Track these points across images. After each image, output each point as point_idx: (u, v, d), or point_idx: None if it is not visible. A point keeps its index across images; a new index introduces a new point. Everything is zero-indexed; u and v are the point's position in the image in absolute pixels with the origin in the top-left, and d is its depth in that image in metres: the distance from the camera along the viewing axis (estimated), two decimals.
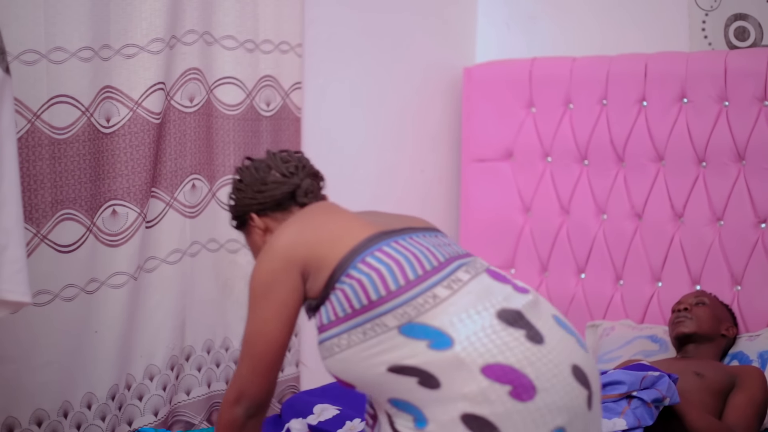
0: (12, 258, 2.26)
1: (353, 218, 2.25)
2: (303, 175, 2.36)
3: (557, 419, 1.98)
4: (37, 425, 2.93)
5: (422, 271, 2.09)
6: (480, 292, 2.08)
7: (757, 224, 3.53)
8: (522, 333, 2.02)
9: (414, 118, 4.14)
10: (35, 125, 2.87)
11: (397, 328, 2.04)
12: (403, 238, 2.16)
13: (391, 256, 2.10)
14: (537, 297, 2.13)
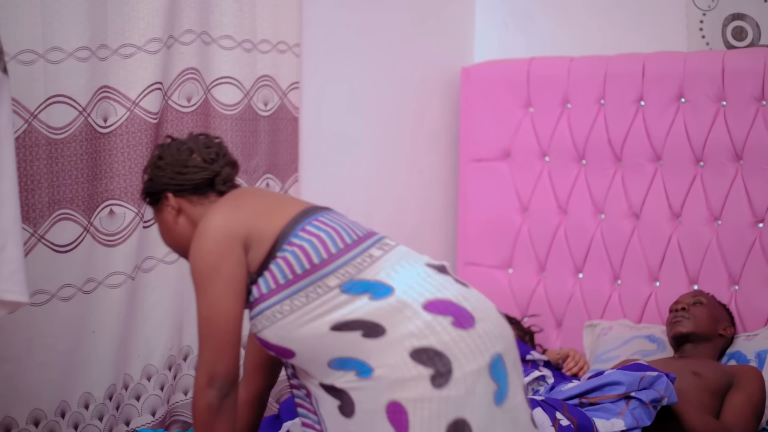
0: (9, 258, 2.26)
1: (283, 197, 2.39)
2: (223, 162, 2.39)
3: (496, 346, 2.15)
4: (35, 425, 2.93)
5: (356, 236, 2.26)
6: (405, 253, 2.28)
7: (755, 224, 3.53)
8: (450, 278, 2.23)
9: (412, 118, 4.14)
10: (32, 125, 2.87)
11: (338, 287, 2.16)
12: (331, 213, 2.33)
13: (328, 225, 2.25)
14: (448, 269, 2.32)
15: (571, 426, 2.66)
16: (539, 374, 3.02)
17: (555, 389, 2.98)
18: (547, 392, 2.98)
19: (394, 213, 4.08)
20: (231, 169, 2.41)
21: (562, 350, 3.61)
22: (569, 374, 3.50)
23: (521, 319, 3.96)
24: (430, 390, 2.07)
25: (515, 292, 4.04)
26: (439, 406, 2.07)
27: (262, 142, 3.50)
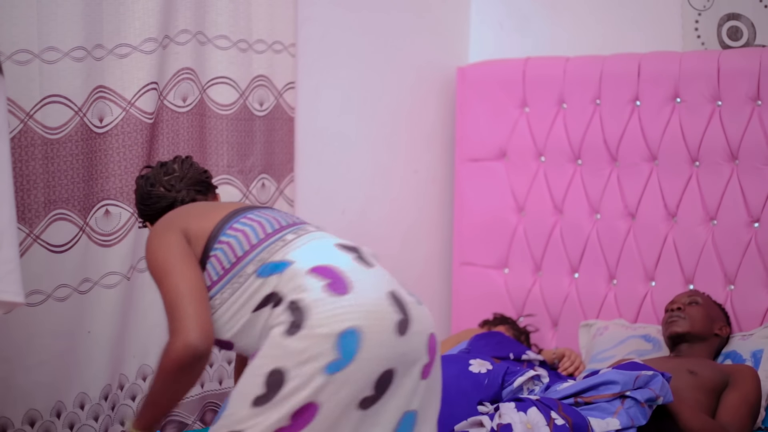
0: (5, 258, 2.26)
1: (229, 204, 2.48)
2: (182, 186, 2.57)
3: (357, 320, 2.16)
4: (30, 425, 2.93)
5: (278, 226, 2.35)
6: (318, 236, 2.36)
7: (750, 223, 3.53)
8: (353, 255, 2.30)
9: (407, 118, 4.14)
10: (28, 125, 2.86)
11: (254, 272, 2.27)
12: (263, 209, 2.43)
13: (254, 219, 2.36)
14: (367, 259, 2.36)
15: (566, 425, 2.66)
16: (534, 374, 3.02)
17: (550, 389, 2.98)
18: (543, 392, 2.99)
19: (390, 213, 4.08)
20: (192, 190, 2.58)
21: (558, 350, 3.61)
22: (565, 374, 3.50)
23: (517, 319, 3.96)
24: (279, 336, 2.16)
25: (511, 292, 4.04)
26: (276, 352, 2.16)
27: (258, 142, 3.50)
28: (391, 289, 2.26)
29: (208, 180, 2.64)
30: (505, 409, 2.70)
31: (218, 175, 3.40)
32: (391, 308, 2.22)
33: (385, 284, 2.27)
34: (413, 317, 2.25)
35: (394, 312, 2.21)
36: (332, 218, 3.85)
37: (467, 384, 3.01)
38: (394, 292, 2.26)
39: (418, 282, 4.21)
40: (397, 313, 2.22)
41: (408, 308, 2.25)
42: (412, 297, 2.31)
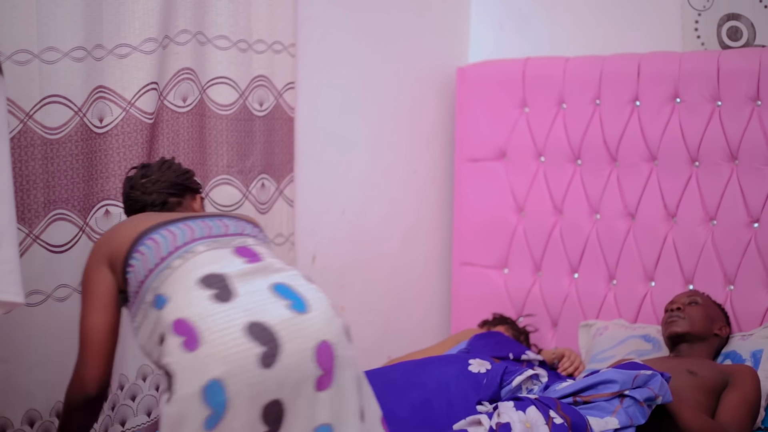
0: (5, 258, 2.26)
1: (146, 217, 2.54)
2: (154, 189, 2.67)
3: (215, 370, 2.14)
4: (30, 425, 2.93)
5: (172, 247, 2.38)
6: (206, 261, 2.35)
7: (750, 224, 3.53)
8: (211, 293, 2.25)
9: (407, 118, 4.14)
10: (28, 125, 2.86)
11: (152, 303, 2.33)
12: (174, 225, 2.45)
13: (155, 240, 2.40)
14: (266, 267, 2.37)
15: (564, 424, 2.66)
16: (532, 373, 3.02)
17: (549, 388, 2.98)
18: (541, 391, 2.99)
19: (389, 213, 4.08)
20: (167, 194, 2.67)
21: (558, 350, 3.61)
22: (565, 374, 3.50)
23: (516, 319, 3.96)
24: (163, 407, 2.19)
25: (511, 292, 4.04)
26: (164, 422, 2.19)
27: (258, 142, 3.50)
28: (252, 320, 2.20)
29: (186, 182, 2.71)
30: (504, 408, 2.70)
31: (218, 175, 3.40)
32: (249, 344, 2.17)
33: (244, 316, 2.21)
34: (287, 338, 2.20)
35: (255, 346, 2.17)
36: (332, 218, 3.86)
37: (466, 384, 3.02)
38: (256, 322, 2.20)
39: (418, 282, 4.22)
40: (259, 347, 2.17)
41: (276, 332, 2.20)
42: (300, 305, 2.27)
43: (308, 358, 2.22)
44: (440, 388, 3.01)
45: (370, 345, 4.01)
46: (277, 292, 2.30)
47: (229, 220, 2.54)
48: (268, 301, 2.26)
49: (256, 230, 2.58)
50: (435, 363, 3.15)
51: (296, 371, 2.20)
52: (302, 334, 2.23)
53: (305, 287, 2.36)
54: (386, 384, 3.06)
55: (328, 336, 2.26)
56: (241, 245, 2.44)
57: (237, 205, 3.45)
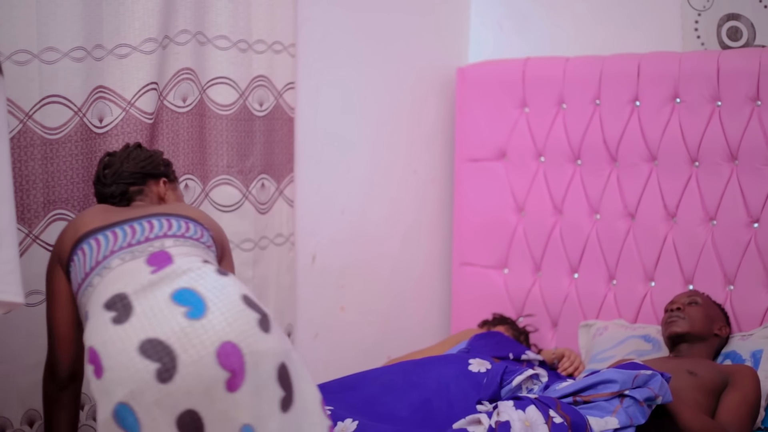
0: (5, 258, 2.26)
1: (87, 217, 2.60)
2: (112, 181, 2.75)
3: (119, 394, 2.17)
4: (29, 425, 2.93)
5: (94, 262, 2.45)
6: (116, 278, 2.38)
7: (750, 224, 3.53)
8: (110, 316, 2.27)
9: (407, 118, 4.14)
10: (27, 125, 2.86)
11: (84, 316, 2.41)
12: (102, 232, 2.51)
13: (83, 251, 2.48)
14: (171, 273, 2.34)
15: (564, 423, 2.66)
16: (532, 372, 3.02)
17: (549, 388, 2.98)
18: (541, 391, 2.99)
19: (389, 213, 4.08)
20: (125, 185, 2.75)
21: (558, 350, 3.61)
22: (564, 374, 3.50)
23: (516, 319, 3.96)
24: None
25: (511, 292, 4.04)
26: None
27: (258, 142, 3.50)
28: (146, 338, 2.20)
29: (146, 169, 2.77)
30: (504, 407, 2.70)
31: (218, 175, 3.40)
32: (143, 362, 2.17)
33: (138, 334, 2.21)
34: (182, 348, 2.18)
35: (149, 363, 2.17)
36: (332, 218, 3.86)
37: (467, 383, 3.02)
38: (150, 338, 2.19)
39: (418, 282, 4.22)
40: (153, 363, 2.17)
41: (171, 345, 2.18)
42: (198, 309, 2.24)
43: (210, 363, 2.18)
44: (440, 387, 3.01)
45: (370, 345, 4.01)
46: (174, 302, 2.26)
47: (156, 219, 2.55)
48: (164, 314, 2.24)
49: (187, 226, 2.56)
50: (435, 363, 3.15)
51: (200, 379, 2.18)
52: (198, 341, 2.19)
53: (210, 286, 2.31)
54: (386, 384, 3.06)
55: (230, 336, 2.21)
56: (156, 250, 2.44)
57: (237, 205, 3.45)
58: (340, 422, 2.83)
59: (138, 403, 2.16)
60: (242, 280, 3.41)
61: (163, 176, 2.82)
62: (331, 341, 3.87)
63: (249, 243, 3.48)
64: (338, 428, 2.82)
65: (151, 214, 2.57)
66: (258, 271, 3.52)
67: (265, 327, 2.29)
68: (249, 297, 2.33)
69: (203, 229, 2.60)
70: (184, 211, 2.64)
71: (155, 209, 2.62)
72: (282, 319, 3.63)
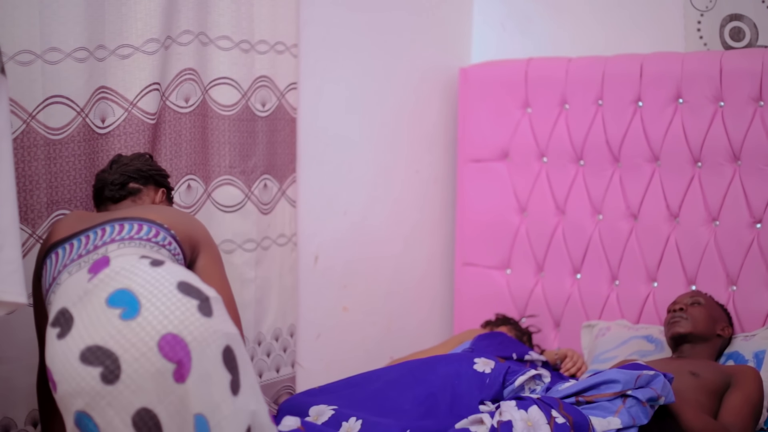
0: (8, 258, 2.26)
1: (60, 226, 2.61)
2: (116, 170, 2.81)
3: (75, 404, 2.22)
4: (33, 426, 2.93)
5: (51, 279, 2.48)
6: (62, 293, 2.38)
7: (753, 224, 3.53)
8: (55, 332, 2.28)
9: (410, 119, 4.14)
10: (30, 126, 2.87)
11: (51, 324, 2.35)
12: (61, 245, 2.52)
13: (46, 265, 2.52)
14: (105, 277, 2.32)
15: (566, 424, 2.66)
16: (535, 373, 3.02)
17: (552, 389, 2.98)
18: (544, 392, 2.99)
19: (392, 214, 4.08)
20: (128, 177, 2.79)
21: (560, 350, 3.61)
22: (567, 375, 3.50)
23: (519, 320, 3.96)
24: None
25: (513, 293, 4.04)
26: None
27: (260, 142, 3.50)
28: (85, 346, 2.21)
29: (152, 173, 2.83)
30: (506, 407, 2.70)
31: (220, 175, 3.40)
32: (87, 369, 2.20)
33: (78, 345, 2.22)
34: (122, 349, 2.19)
35: (93, 369, 2.19)
36: (334, 218, 3.86)
37: (472, 382, 3.02)
38: (89, 346, 2.21)
39: (421, 283, 4.22)
40: (95, 368, 2.19)
41: (110, 347, 2.20)
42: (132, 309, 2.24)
43: (154, 358, 2.19)
44: (445, 385, 3.01)
45: (372, 345, 4.01)
46: (109, 305, 2.25)
47: (110, 225, 2.53)
48: (100, 320, 2.23)
49: (139, 228, 2.53)
50: (441, 361, 3.15)
51: (147, 375, 2.19)
52: (137, 339, 2.20)
53: (144, 281, 2.28)
54: (391, 380, 3.07)
55: (168, 328, 2.21)
56: (99, 257, 2.42)
57: (239, 205, 3.45)
58: (345, 422, 2.84)
59: (92, 408, 2.20)
60: (244, 280, 3.44)
61: (164, 187, 2.88)
62: (333, 342, 3.87)
63: (251, 243, 3.48)
64: (343, 429, 2.82)
65: (108, 220, 2.56)
66: (260, 271, 3.52)
67: (206, 311, 2.26)
68: (187, 283, 2.29)
69: (160, 228, 2.56)
70: (143, 213, 2.61)
71: (117, 214, 2.62)
72: (284, 319, 3.63)
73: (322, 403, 2.99)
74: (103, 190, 2.81)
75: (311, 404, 2.99)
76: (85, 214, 2.70)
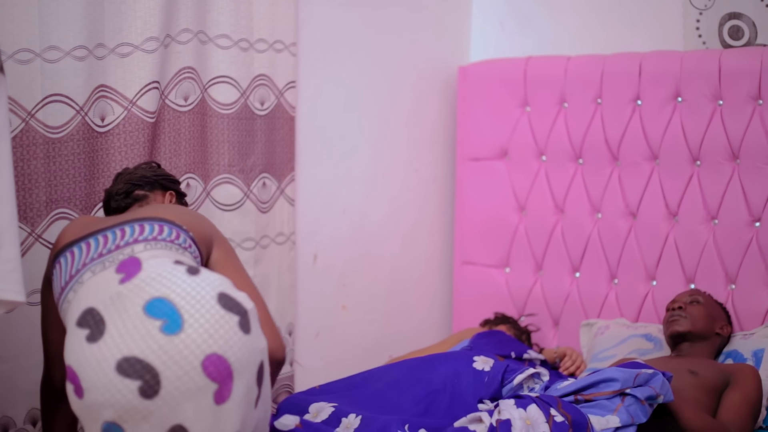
0: (7, 257, 2.26)
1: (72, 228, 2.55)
2: (121, 180, 2.77)
3: (105, 414, 2.11)
4: (32, 425, 2.93)
5: (68, 277, 2.40)
6: (86, 292, 2.30)
7: (752, 223, 3.53)
8: (84, 334, 2.17)
9: (409, 117, 4.14)
10: (29, 124, 2.86)
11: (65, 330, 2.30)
12: (77, 244, 2.44)
13: (60, 264, 2.44)
14: (140, 283, 2.21)
15: (565, 422, 2.66)
16: (534, 371, 3.02)
17: (550, 387, 2.98)
18: (542, 390, 2.99)
19: (391, 212, 4.08)
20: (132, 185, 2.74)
21: (559, 349, 3.61)
22: (566, 373, 3.50)
23: (518, 318, 3.96)
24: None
25: (512, 291, 4.04)
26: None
27: (259, 141, 3.50)
28: (122, 357, 2.11)
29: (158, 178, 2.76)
30: (505, 406, 2.70)
31: (219, 174, 3.40)
32: (123, 382, 2.10)
33: (113, 353, 2.12)
34: (163, 365, 2.10)
35: (131, 382, 2.09)
36: (333, 217, 3.86)
37: (471, 381, 3.01)
38: (127, 357, 2.10)
39: (419, 281, 4.22)
40: (134, 381, 2.09)
41: (150, 362, 2.10)
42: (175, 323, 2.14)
43: (197, 377, 2.12)
44: (445, 383, 3.01)
45: (371, 344, 4.01)
46: (148, 314, 2.15)
47: (129, 225, 2.45)
48: (138, 330, 2.14)
49: (160, 229, 2.46)
50: (441, 359, 3.15)
51: (187, 394, 2.12)
52: (181, 357, 2.11)
53: (184, 292, 2.19)
54: (391, 380, 3.06)
55: (213, 348, 2.13)
56: (126, 257, 2.33)
57: (238, 204, 3.45)
58: (344, 418, 2.83)
59: (125, 421, 2.11)
60: None
61: (172, 190, 2.79)
62: (332, 340, 3.87)
63: (250, 242, 3.48)
64: (343, 424, 2.82)
65: (125, 221, 2.48)
66: (259, 270, 3.52)
67: (246, 328, 2.21)
68: (226, 294, 2.22)
69: (180, 230, 2.48)
70: (160, 213, 2.54)
71: (131, 215, 2.53)
72: (283, 318, 3.63)
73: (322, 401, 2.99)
74: (109, 202, 2.74)
75: (311, 402, 2.98)
76: (94, 219, 2.63)
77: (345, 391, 3.05)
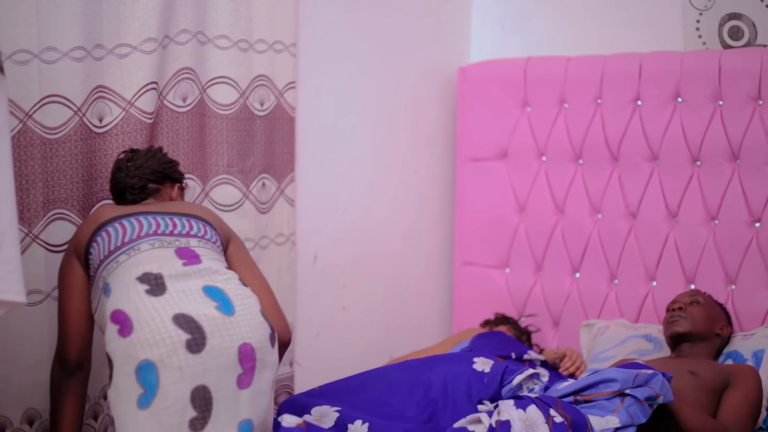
0: (6, 258, 2.25)
1: (108, 209, 2.76)
2: (135, 173, 2.90)
3: (147, 353, 2.40)
4: (29, 424, 2.93)
5: (120, 243, 2.63)
6: (147, 259, 2.59)
7: (752, 223, 3.53)
8: (144, 288, 2.50)
9: (408, 118, 4.13)
10: (27, 125, 2.86)
11: (101, 288, 2.61)
12: (127, 219, 2.69)
13: (108, 233, 2.66)
14: (201, 270, 2.59)
15: (564, 423, 2.66)
16: (533, 372, 3.02)
17: (550, 388, 2.97)
18: (542, 391, 2.98)
19: (390, 213, 4.08)
20: (147, 180, 2.89)
21: (559, 350, 3.61)
22: (566, 374, 3.50)
23: (518, 319, 3.96)
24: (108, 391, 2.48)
25: (512, 292, 4.04)
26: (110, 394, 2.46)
27: (258, 141, 3.50)
28: (179, 312, 2.46)
29: (167, 171, 2.92)
30: (504, 407, 2.70)
31: (218, 174, 3.39)
32: (176, 331, 2.42)
33: (172, 308, 2.46)
34: (211, 333, 2.46)
35: (182, 333, 2.42)
36: (333, 218, 3.86)
37: (471, 382, 3.01)
38: (184, 314, 2.45)
39: (419, 282, 4.22)
40: (185, 334, 2.42)
41: (202, 325, 2.45)
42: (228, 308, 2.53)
43: (232, 355, 2.47)
44: (446, 386, 3.01)
45: (371, 344, 4.01)
46: (206, 294, 2.54)
47: (178, 218, 2.74)
48: (197, 299, 2.50)
49: (204, 230, 2.76)
50: (440, 361, 3.15)
51: (221, 363, 2.45)
52: (227, 334, 2.47)
53: (236, 292, 2.58)
54: (392, 383, 3.06)
55: (251, 340, 2.51)
56: (183, 246, 2.66)
57: (237, 204, 3.45)
58: (350, 424, 2.83)
59: (164, 364, 2.39)
60: None
61: (179, 182, 2.98)
62: (332, 341, 3.87)
63: (250, 242, 3.48)
64: (349, 430, 2.82)
65: (171, 212, 2.75)
66: None
67: (272, 341, 2.58)
68: (263, 311, 2.60)
69: (214, 231, 2.80)
70: (197, 212, 2.82)
71: (173, 208, 2.80)
72: None
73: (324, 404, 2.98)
74: (124, 192, 2.90)
75: (312, 405, 2.98)
76: (128, 206, 2.81)
77: (345, 393, 3.04)
